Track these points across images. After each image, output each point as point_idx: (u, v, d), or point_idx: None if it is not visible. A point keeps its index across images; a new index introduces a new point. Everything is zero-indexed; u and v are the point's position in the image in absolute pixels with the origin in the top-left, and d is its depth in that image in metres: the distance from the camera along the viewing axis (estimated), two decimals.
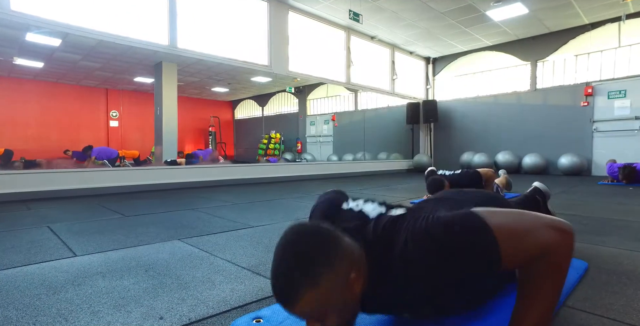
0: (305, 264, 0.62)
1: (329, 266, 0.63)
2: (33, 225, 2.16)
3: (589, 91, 6.43)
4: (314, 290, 0.61)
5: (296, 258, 0.64)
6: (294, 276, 0.62)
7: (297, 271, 0.62)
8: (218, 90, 11.21)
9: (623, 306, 0.96)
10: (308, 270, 0.62)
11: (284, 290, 0.63)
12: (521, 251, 0.66)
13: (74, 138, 9.96)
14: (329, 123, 10.22)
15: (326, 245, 0.65)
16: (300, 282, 0.62)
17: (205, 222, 2.26)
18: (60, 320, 0.91)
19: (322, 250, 0.64)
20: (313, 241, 0.65)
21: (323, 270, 0.62)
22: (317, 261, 0.63)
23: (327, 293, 0.62)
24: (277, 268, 0.65)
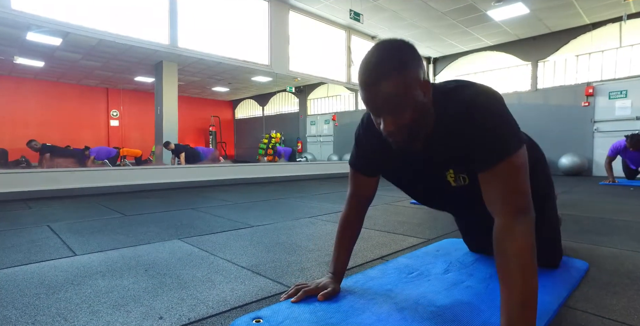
0: (393, 56, 0.75)
1: (411, 63, 0.76)
2: (33, 224, 2.16)
3: (590, 91, 6.42)
4: (396, 76, 0.74)
5: (385, 52, 0.76)
6: (382, 62, 0.75)
7: (385, 59, 0.75)
8: (218, 90, 11.21)
9: (624, 307, 0.96)
10: (394, 59, 0.75)
11: (375, 72, 0.75)
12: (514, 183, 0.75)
13: (75, 137, 9.96)
14: (330, 123, 10.22)
15: (410, 51, 0.78)
16: (386, 66, 0.74)
17: (206, 221, 2.26)
18: (60, 320, 0.91)
19: (408, 52, 0.77)
20: (401, 45, 0.78)
21: (406, 62, 0.75)
22: (403, 55, 0.76)
23: (406, 83, 0.74)
24: (367, 59, 0.77)
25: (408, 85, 0.74)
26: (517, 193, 0.75)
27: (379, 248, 1.58)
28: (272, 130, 11.73)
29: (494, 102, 0.79)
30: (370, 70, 0.75)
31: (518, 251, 0.71)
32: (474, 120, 0.78)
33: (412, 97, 0.76)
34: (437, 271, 1.22)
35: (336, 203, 3.06)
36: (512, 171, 0.75)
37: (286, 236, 1.84)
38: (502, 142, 0.76)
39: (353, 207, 1.07)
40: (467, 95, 0.80)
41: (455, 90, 0.83)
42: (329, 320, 0.87)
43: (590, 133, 6.49)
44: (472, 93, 0.80)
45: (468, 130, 0.79)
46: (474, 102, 0.79)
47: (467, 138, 0.79)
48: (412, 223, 2.17)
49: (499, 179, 0.76)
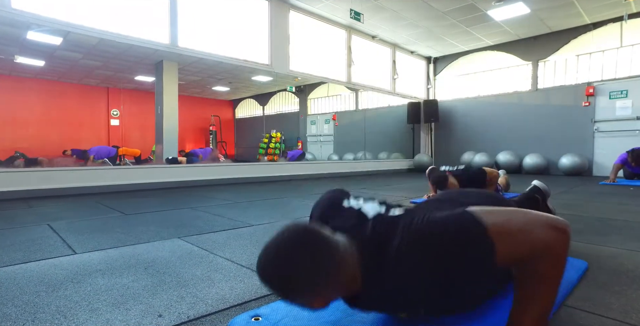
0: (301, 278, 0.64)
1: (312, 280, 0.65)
2: (33, 223, 2.17)
3: (591, 91, 6.42)
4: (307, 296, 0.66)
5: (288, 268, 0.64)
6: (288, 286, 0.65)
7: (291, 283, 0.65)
8: (219, 89, 11.21)
9: (623, 306, 0.96)
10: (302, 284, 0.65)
11: (279, 293, 0.67)
12: (516, 249, 0.66)
13: (75, 137, 9.97)
14: (330, 122, 10.22)
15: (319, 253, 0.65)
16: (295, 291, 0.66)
17: (205, 220, 2.26)
18: (59, 317, 0.91)
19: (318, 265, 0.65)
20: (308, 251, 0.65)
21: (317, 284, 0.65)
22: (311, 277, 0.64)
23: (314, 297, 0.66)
24: (267, 270, 0.66)
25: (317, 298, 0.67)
26: (524, 235, 0.67)
27: None
28: (273, 130, 11.73)
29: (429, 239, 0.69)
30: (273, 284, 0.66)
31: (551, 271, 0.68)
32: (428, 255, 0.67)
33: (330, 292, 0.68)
34: None
35: None
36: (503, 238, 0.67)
37: None
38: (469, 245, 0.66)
39: None
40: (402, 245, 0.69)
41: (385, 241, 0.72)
42: (328, 318, 0.87)
43: (590, 133, 6.48)
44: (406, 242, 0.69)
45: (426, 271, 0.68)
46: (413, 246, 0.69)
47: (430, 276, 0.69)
48: None
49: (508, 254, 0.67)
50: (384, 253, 0.70)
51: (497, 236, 0.65)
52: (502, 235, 0.66)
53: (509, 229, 0.67)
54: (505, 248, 0.65)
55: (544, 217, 0.70)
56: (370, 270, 0.70)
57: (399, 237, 0.70)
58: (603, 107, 6.37)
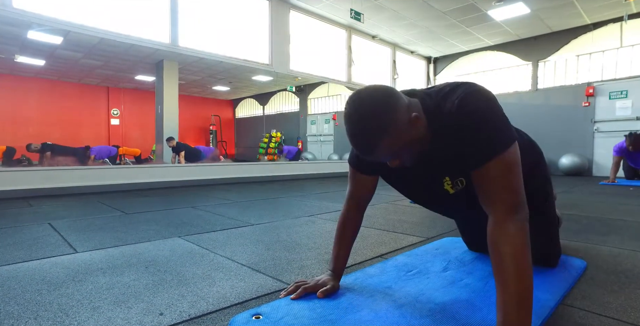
0: (374, 123, 0.73)
1: (392, 118, 0.74)
2: (34, 222, 2.17)
3: (591, 91, 6.42)
4: (387, 138, 0.74)
5: (365, 121, 0.74)
6: (367, 134, 0.74)
7: (368, 131, 0.74)
8: (219, 89, 11.21)
9: (622, 305, 0.97)
10: (377, 127, 0.73)
11: (362, 146, 0.76)
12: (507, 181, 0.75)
13: (75, 136, 9.97)
14: (330, 122, 10.22)
15: (388, 103, 0.75)
16: (373, 138, 0.74)
17: (206, 219, 2.26)
18: (61, 315, 0.92)
19: (385, 108, 0.74)
20: (376, 103, 0.74)
21: (389, 122, 0.73)
22: (382, 118, 0.73)
23: (398, 137, 0.75)
24: (352, 129, 0.76)
25: (399, 139, 0.76)
26: (509, 191, 0.75)
27: (379, 247, 1.59)
28: (273, 130, 11.74)
29: (482, 101, 0.78)
30: (360, 142, 0.76)
31: (512, 250, 0.71)
32: (464, 122, 0.78)
33: (406, 143, 0.78)
34: (436, 269, 1.23)
35: (336, 202, 3.06)
36: (503, 169, 0.75)
37: (286, 234, 1.85)
38: (492, 140, 0.76)
39: (352, 205, 1.08)
40: (456, 99, 0.79)
41: (445, 95, 0.82)
42: (328, 317, 0.87)
43: (590, 134, 6.49)
44: (461, 97, 0.79)
45: (460, 134, 0.79)
46: (462, 105, 0.78)
47: (460, 141, 0.80)
48: (412, 222, 2.17)
49: (491, 177, 0.76)
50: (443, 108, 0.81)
51: (512, 154, 0.76)
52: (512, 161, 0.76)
53: (516, 174, 0.76)
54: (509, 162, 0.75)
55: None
56: (433, 120, 0.81)
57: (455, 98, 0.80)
58: (603, 107, 6.38)
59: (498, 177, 0.75)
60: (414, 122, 0.77)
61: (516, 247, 0.71)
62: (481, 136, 0.76)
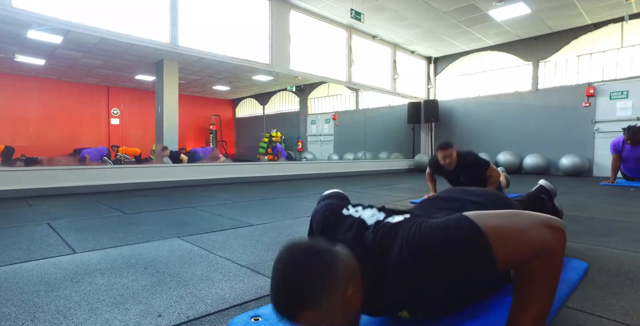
0: (304, 287, 0.63)
1: (327, 288, 0.63)
2: (33, 222, 2.17)
3: (591, 92, 6.41)
4: (313, 309, 0.62)
5: (294, 281, 0.63)
6: (291, 298, 0.63)
7: (294, 293, 0.63)
8: (219, 89, 11.21)
9: (623, 307, 0.96)
10: (306, 292, 0.62)
11: (284, 309, 0.64)
12: (515, 251, 0.67)
13: (75, 135, 9.97)
14: (330, 122, 10.22)
15: (324, 266, 0.64)
16: (298, 303, 0.62)
17: (205, 220, 2.26)
18: (59, 317, 0.91)
19: (320, 271, 0.64)
20: (311, 262, 0.65)
21: (321, 291, 0.62)
22: (315, 283, 0.63)
23: (327, 311, 0.63)
24: (276, 287, 0.65)
25: (326, 315, 0.63)
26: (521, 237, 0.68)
27: None
28: (273, 129, 11.73)
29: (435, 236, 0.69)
30: (280, 302, 0.64)
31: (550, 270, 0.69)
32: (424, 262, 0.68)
33: (335, 319, 0.65)
34: None
35: None
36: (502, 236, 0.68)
37: (286, 235, 1.84)
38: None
39: None
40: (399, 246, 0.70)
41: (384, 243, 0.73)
42: None
43: (591, 134, 6.48)
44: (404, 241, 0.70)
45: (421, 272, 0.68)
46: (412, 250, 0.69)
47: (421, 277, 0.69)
48: None
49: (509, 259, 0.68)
50: (385, 261, 0.71)
51: (495, 239, 0.66)
52: (501, 237, 0.67)
53: (508, 231, 0.68)
54: (504, 251, 0.66)
55: (539, 217, 0.70)
56: (372, 278, 0.71)
57: (397, 245, 0.70)
58: (603, 107, 6.37)
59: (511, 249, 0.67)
60: (350, 299, 0.65)
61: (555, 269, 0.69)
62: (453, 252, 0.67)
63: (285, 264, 0.66)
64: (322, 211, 0.96)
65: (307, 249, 0.67)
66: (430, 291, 0.70)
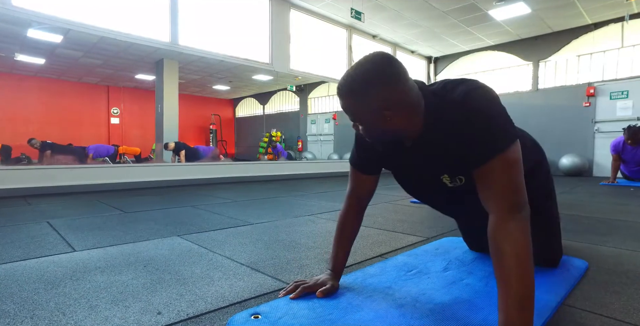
0: (378, 68, 0.75)
1: (397, 70, 0.76)
2: (32, 220, 2.16)
3: (591, 92, 6.41)
4: (384, 87, 0.75)
5: (369, 65, 0.76)
6: (367, 76, 0.75)
7: (370, 73, 0.75)
8: (219, 88, 11.20)
9: (623, 306, 0.96)
10: (381, 72, 0.75)
11: (356, 87, 0.77)
12: (515, 178, 0.75)
13: (75, 135, 9.97)
14: (330, 122, 10.21)
15: (395, 61, 0.77)
16: (373, 79, 0.75)
17: (205, 218, 2.26)
18: (58, 314, 0.91)
19: (392, 63, 0.76)
20: (379, 69, 0.76)
21: (392, 73, 0.75)
22: (388, 67, 0.75)
23: (359, 108, 0.79)
24: (351, 72, 0.78)
25: (360, 111, 0.79)
26: (510, 189, 0.74)
27: (378, 246, 1.58)
28: (273, 129, 11.73)
29: (484, 99, 0.77)
30: (353, 82, 0.77)
31: (513, 249, 0.70)
32: (466, 119, 0.77)
33: (367, 120, 0.80)
34: (437, 269, 1.22)
35: (336, 202, 3.06)
36: (505, 167, 0.74)
37: (285, 233, 1.84)
38: (494, 139, 0.75)
39: (352, 204, 1.07)
40: (458, 95, 0.79)
41: (446, 91, 0.82)
42: (328, 317, 0.86)
43: (591, 134, 6.48)
44: (463, 93, 0.78)
45: (461, 130, 0.78)
46: (465, 101, 0.77)
47: (461, 138, 0.79)
48: (412, 221, 2.17)
49: (492, 176, 0.75)
50: (445, 102, 0.80)
51: (515, 152, 0.76)
52: (516, 159, 0.76)
53: (519, 172, 0.76)
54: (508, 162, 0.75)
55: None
56: (432, 113, 0.81)
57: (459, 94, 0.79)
58: (604, 107, 6.37)
59: (500, 176, 0.74)
60: (386, 116, 0.77)
61: (518, 246, 0.70)
62: (484, 133, 0.76)
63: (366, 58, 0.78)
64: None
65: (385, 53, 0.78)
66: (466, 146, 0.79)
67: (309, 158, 9.88)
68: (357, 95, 0.77)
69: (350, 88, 0.77)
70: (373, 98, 0.76)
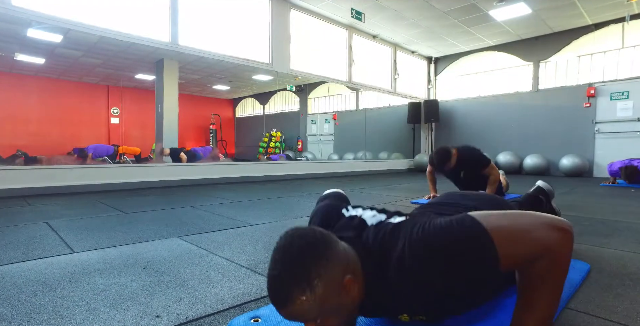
0: (298, 268, 0.62)
1: (322, 270, 0.62)
2: (32, 221, 2.15)
3: (592, 92, 6.41)
4: (306, 294, 0.61)
5: (289, 263, 0.63)
6: (286, 280, 0.62)
7: (289, 275, 0.62)
8: (219, 88, 11.20)
9: (626, 309, 0.95)
10: (301, 274, 0.62)
11: (277, 294, 0.63)
12: (519, 251, 0.66)
13: (75, 134, 9.96)
14: (330, 122, 10.21)
15: (320, 249, 0.64)
16: (292, 286, 0.61)
17: (205, 219, 2.25)
18: (56, 318, 0.90)
19: (316, 254, 0.63)
20: (307, 245, 0.64)
21: (316, 274, 0.62)
22: (310, 265, 0.62)
23: (322, 297, 0.62)
24: (271, 271, 0.64)
25: (321, 302, 0.62)
26: (526, 237, 0.66)
27: None
28: (273, 129, 11.73)
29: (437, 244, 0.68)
30: (273, 286, 0.63)
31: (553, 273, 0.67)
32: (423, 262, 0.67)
33: (330, 308, 0.64)
34: None
35: None
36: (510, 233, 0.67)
37: None
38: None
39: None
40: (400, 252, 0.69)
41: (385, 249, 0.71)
42: None
43: (591, 134, 6.47)
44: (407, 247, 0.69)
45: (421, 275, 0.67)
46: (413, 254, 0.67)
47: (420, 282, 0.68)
48: None
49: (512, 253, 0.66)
50: (387, 261, 0.70)
51: (500, 239, 0.65)
52: (505, 237, 0.65)
53: (512, 231, 0.67)
54: (509, 251, 0.65)
55: (544, 217, 0.69)
56: (373, 278, 0.70)
57: (400, 245, 0.69)
58: (604, 108, 6.36)
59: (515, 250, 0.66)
60: (346, 286, 0.64)
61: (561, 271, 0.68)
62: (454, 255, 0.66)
63: (281, 246, 0.65)
64: (322, 211, 0.95)
65: (305, 233, 0.67)
66: (432, 293, 0.69)
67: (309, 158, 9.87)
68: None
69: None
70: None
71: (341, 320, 0.67)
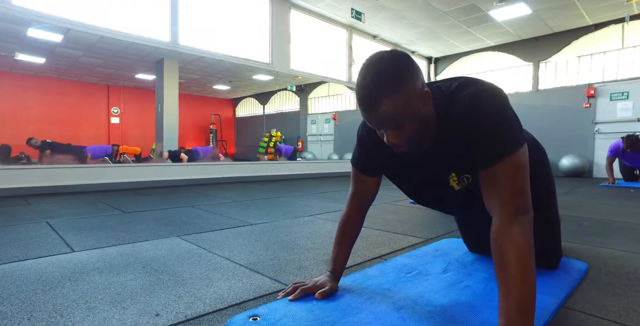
0: (388, 73, 0.72)
1: (407, 76, 0.73)
2: (32, 220, 2.16)
3: (592, 92, 6.41)
4: (394, 97, 0.71)
5: (380, 71, 0.73)
6: (377, 85, 0.72)
7: (380, 80, 0.72)
8: (219, 88, 11.20)
9: (624, 308, 0.95)
10: (390, 79, 0.71)
11: (369, 99, 0.73)
12: (509, 183, 0.74)
13: (75, 134, 9.97)
14: (330, 122, 10.21)
15: (405, 60, 0.74)
16: (383, 89, 0.71)
17: (205, 219, 2.25)
18: (56, 316, 0.90)
19: (402, 63, 0.74)
20: (395, 56, 0.74)
21: (402, 79, 0.72)
22: (397, 71, 0.72)
23: (406, 100, 0.72)
24: (362, 81, 0.74)
25: (407, 102, 0.72)
26: (515, 193, 0.74)
27: (378, 247, 1.57)
28: (273, 129, 11.73)
29: (494, 100, 0.77)
30: (366, 94, 0.73)
31: (516, 253, 0.70)
32: (474, 120, 0.77)
33: (412, 112, 0.74)
34: (436, 271, 1.21)
35: (336, 202, 3.05)
36: (511, 171, 0.74)
37: (285, 234, 1.84)
38: (502, 142, 0.75)
39: (354, 206, 1.06)
40: (468, 95, 0.78)
41: (456, 90, 0.82)
42: (327, 319, 0.86)
43: (591, 135, 6.47)
44: (473, 93, 0.78)
45: (470, 131, 0.78)
46: (475, 102, 0.77)
47: (469, 139, 0.79)
48: (412, 222, 2.16)
49: (498, 179, 0.75)
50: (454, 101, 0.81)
51: (523, 155, 0.76)
52: (515, 165, 0.75)
53: (522, 176, 0.75)
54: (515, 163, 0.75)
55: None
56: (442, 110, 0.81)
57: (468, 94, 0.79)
58: (604, 108, 6.37)
59: (505, 179, 0.74)
60: (425, 96, 0.76)
61: (521, 250, 0.70)
62: (492, 136, 0.75)
63: (370, 61, 0.75)
64: None
65: (392, 50, 0.77)
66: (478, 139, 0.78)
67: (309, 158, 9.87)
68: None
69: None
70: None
71: (419, 126, 0.78)
